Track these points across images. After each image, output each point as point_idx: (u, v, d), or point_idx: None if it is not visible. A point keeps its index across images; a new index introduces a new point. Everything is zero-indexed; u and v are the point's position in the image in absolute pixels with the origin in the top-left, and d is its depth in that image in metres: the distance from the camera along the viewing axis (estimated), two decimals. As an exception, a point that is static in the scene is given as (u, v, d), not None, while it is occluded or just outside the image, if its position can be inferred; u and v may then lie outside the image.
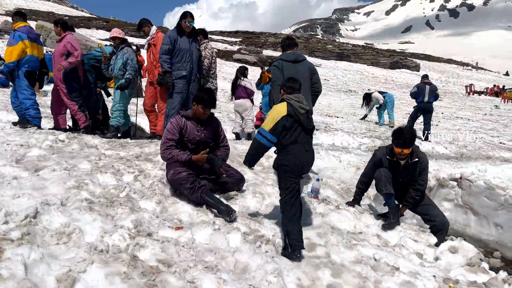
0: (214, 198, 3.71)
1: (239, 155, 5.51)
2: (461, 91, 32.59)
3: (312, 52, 47.40)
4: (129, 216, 3.20)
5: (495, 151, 9.86)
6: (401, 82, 31.81)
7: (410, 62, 48.90)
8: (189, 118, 4.07)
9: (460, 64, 66.89)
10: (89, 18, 47.86)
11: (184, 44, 5.51)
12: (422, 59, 61.81)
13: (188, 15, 5.55)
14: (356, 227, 3.86)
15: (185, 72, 5.55)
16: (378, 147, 7.80)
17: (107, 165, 4.26)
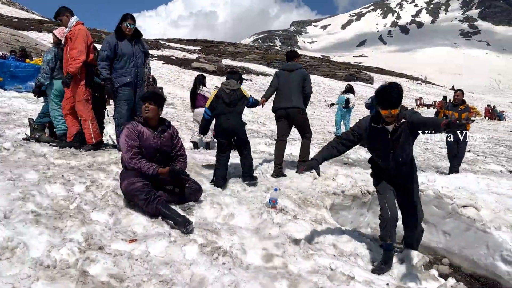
0: (170, 209, 3.62)
1: (196, 165, 5.44)
2: (411, 104, 34.17)
3: (271, 63, 48.00)
4: (80, 229, 3.05)
5: (442, 162, 10.37)
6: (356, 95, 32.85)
7: (365, 75, 50.72)
8: (145, 125, 3.97)
9: (410, 78, 70.17)
10: (41, 21, 45.88)
11: (126, 49, 5.19)
12: (375, 72, 64.30)
13: (128, 17, 5.17)
14: (313, 237, 3.90)
15: (130, 78, 5.23)
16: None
17: (57, 175, 4.04)
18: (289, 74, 5.90)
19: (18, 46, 17.75)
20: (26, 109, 8.67)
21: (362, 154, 9.89)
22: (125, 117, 5.18)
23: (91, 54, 5.37)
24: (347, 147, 3.62)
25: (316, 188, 5.39)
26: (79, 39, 5.16)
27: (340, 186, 5.53)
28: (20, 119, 7.51)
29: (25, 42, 20.90)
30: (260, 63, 47.07)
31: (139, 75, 5.35)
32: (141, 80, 5.40)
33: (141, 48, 5.40)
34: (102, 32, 44.98)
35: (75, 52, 5.12)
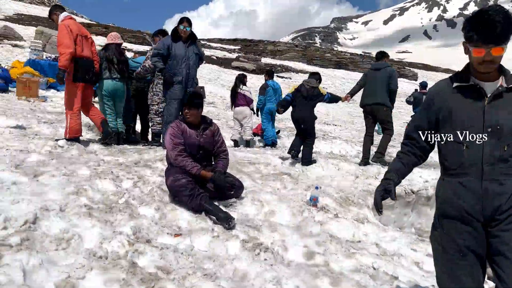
0: (213, 205, 3.72)
1: (237, 162, 5.52)
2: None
3: (311, 60, 47.59)
4: (128, 223, 3.20)
5: None
6: (399, 91, 31.94)
7: (408, 71, 49.15)
8: (188, 123, 4.11)
9: (457, 74, 67.11)
10: (89, 25, 47.96)
11: (179, 50, 5.49)
12: (420, 68, 62.13)
13: (184, 20, 5.52)
14: (355, 236, 3.87)
15: (181, 77, 5.52)
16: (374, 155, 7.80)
17: (106, 171, 4.26)
18: (376, 72, 6.59)
19: (69, 49, 18.64)
20: (76, 108, 9.12)
21: (406, 153, 9.65)
22: (174, 116, 5.40)
23: (78, 47, 5.31)
24: (424, 149, 2.19)
25: (358, 187, 5.33)
26: (60, 33, 5.20)
27: (383, 185, 5.43)
28: (72, 118, 7.90)
29: (75, 45, 21.92)
30: (299, 60, 46.76)
31: (190, 76, 5.61)
32: (191, 80, 5.65)
33: (195, 50, 5.67)
34: (145, 33, 46.40)
35: (60, 47, 5.17)
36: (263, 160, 5.90)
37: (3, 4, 48.24)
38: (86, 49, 5.44)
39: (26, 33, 26.81)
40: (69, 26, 5.24)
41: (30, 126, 6.17)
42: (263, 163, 5.79)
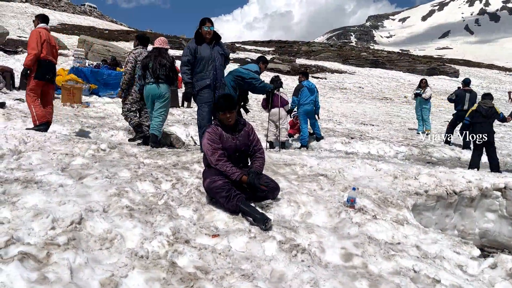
0: (249, 207, 3.74)
1: (273, 164, 5.53)
2: (503, 97, 31.25)
3: (346, 60, 46.94)
4: (168, 223, 3.28)
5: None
6: (439, 89, 30.88)
7: (449, 68, 47.42)
8: (223, 127, 4.15)
9: (502, 70, 64.17)
10: (128, 32, 49.65)
11: (205, 52, 5.45)
12: (461, 64, 59.81)
13: (206, 21, 5.44)
14: (394, 238, 3.77)
15: (209, 80, 5.50)
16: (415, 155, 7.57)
17: (146, 173, 4.39)
18: None
19: (110, 56, 19.39)
20: (117, 113, 9.46)
21: (447, 153, 9.31)
22: (206, 119, 5.45)
23: (44, 50, 6.08)
24: None
25: (396, 187, 5.19)
26: (31, 38, 6.03)
27: (423, 186, 5.26)
28: (113, 122, 8.22)
29: (115, 52, 22.78)
30: (335, 60, 46.26)
31: (218, 77, 5.59)
32: (219, 81, 5.63)
33: (220, 50, 5.62)
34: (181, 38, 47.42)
35: (28, 49, 6.00)
36: (298, 161, 5.87)
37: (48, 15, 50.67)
38: (51, 54, 6.27)
39: (70, 42, 28.04)
40: (40, 32, 6.08)
41: (74, 131, 6.46)
42: (299, 164, 5.76)
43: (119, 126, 7.76)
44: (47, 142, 5.20)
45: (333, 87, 27.35)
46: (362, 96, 24.99)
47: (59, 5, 75.03)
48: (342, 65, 43.69)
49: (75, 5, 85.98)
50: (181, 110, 10.55)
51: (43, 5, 64.73)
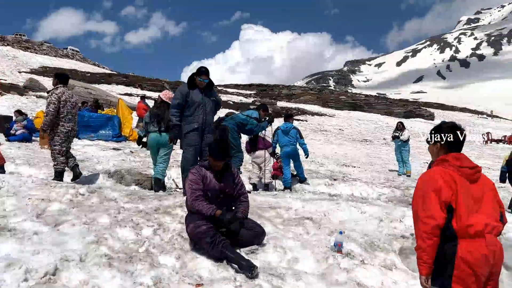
0: (235, 253, 3.61)
1: (258, 207, 5.43)
2: (478, 140, 32.23)
3: (326, 103, 48.07)
4: (149, 272, 3.12)
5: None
6: (417, 131, 31.69)
7: (424, 111, 49.00)
8: (208, 168, 4.11)
9: (474, 113, 66.74)
10: (110, 74, 50.00)
11: (196, 97, 5.50)
12: (436, 108, 61.98)
13: (203, 74, 5.52)
14: (384, 284, 3.67)
15: (197, 124, 5.51)
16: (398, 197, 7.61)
17: (126, 219, 4.22)
18: None
19: (91, 98, 19.34)
20: (97, 155, 9.28)
21: (429, 194, 9.38)
22: (191, 162, 5.38)
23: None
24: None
25: (382, 230, 5.14)
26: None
27: (409, 229, 5.22)
28: (93, 165, 8.02)
29: (97, 94, 22.77)
30: (314, 103, 47.32)
31: (207, 122, 5.61)
32: (209, 126, 5.65)
33: (212, 97, 5.71)
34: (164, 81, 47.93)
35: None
36: (283, 204, 5.79)
37: (30, 58, 50.81)
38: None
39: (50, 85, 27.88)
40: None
41: (51, 175, 6.25)
42: (284, 207, 5.67)
43: (98, 169, 7.58)
44: (22, 186, 5.00)
45: (314, 129, 27.77)
46: (343, 138, 25.39)
47: (41, 48, 75.54)
48: (322, 108, 44.67)
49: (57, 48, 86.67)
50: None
51: (25, 48, 65.02)
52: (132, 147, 11.36)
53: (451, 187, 2.37)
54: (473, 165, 2.50)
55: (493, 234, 2.34)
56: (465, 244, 2.30)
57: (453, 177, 2.41)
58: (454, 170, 2.44)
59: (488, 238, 2.29)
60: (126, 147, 11.02)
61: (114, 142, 12.00)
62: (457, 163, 2.47)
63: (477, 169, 2.50)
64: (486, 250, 2.27)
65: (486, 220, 2.33)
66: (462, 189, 2.38)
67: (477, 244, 2.28)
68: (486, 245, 2.28)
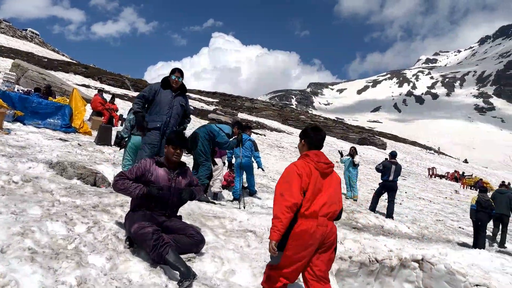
0: (177, 259, 3.44)
1: (202, 215, 5.33)
2: (423, 173, 33.82)
3: (286, 120, 48.74)
4: (74, 271, 2.93)
5: (454, 235, 10.04)
6: (368, 158, 32.78)
7: (378, 140, 50.90)
8: (162, 165, 3.99)
9: (423, 147, 70.15)
10: (69, 63, 48.07)
11: (165, 97, 5.42)
12: (389, 138, 64.57)
13: (176, 71, 5.49)
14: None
15: (159, 123, 5.39)
16: (342, 220, 7.76)
17: (60, 213, 3.98)
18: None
19: (44, 84, 18.44)
20: (41, 144, 8.79)
21: (372, 220, 9.65)
22: None
23: None
24: None
25: (322, 251, 5.19)
26: None
27: (348, 251, 5.31)
28: (34, 153, 7.58)
29: (51, 81, 21.73)
30: (275, 119, 47.85)
31: (170, 124, 5.48)
32: (170, 129, 5.49)
33: (182, 101, 5.60)
34: (125, 77, 46.75)
35: None
36: (229, 215, 5.72)
37: (-16, 35, 47.92)
38: None
39: (2, 65, 26.48)
40: None
41: (-14, 158, 5.83)
42: (229, 218, 5.60)
43: (40, 158, 7.16)
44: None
45: (271, 145, 27.97)
46: (298, 156, 25.78)
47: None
48: (282, 124, 45.25)
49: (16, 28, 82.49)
50: (112, 149, 10.07)
51: (-19, 24, 61.31)
52: (81, 140, 10.89)
53: (308, 176, 3.03)
54: (328, 162, 3.18)
55: (327, 217, 3.03)
56: (301, 222, 2.97)
57: (311, 169, 3.08)
58: (312, 163, 3.12)
59: (320, 220, 3.00)
60: (75, 139, 10.53)
61: (62, 132, 11.43)
62: (316, 158, 3.14)
63: (330, 165, 3.19)
64: (315, 228, 2.96)
65: (323, 206, 3.01)
66: (314, 179, 3.05)
67: (309, 223, 2.96)
68: (317, 224, 2.97)
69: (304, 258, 3.00)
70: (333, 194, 3.11)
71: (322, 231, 2.99)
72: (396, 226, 9.55)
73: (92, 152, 9.09)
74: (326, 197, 3.04)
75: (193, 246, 3.91)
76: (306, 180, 3.01)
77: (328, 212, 3.03)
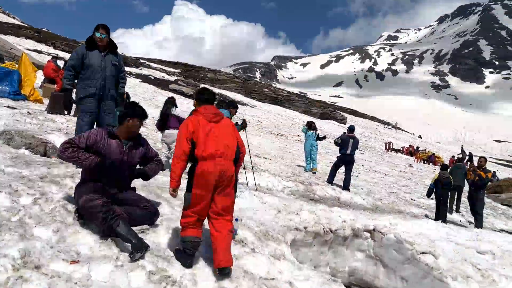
0: (128, 231, 3.34)
1: (158, 187, 5.23)
2: (380, 147, 34.99)
3: (249, 93, 48.49)
4: (17, 244, 2.80)
5: (406, 207, 10.49)
6: (329, 133, 33.44)
7: (338, 115, 51.88)
8: (114, 137, 3.81)
9: (382, 123, 72.35)
10: (20, 26, 45.04)
11: (94, 59, 5.02)
12: (349, 113, 65.96)
13: (100, 27, 5.00)
14: (270, 273, 3.75)
15: (94, 89, 5.04)
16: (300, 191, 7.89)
17: (4, 184, 3.77)
18: None
19: (-10, 48, 17.20)
20: (-13, 111, 8.26)
21: (329, 192, 9.90)
22: (85, 131, 4.96)
23: None
24: None
25: (279, 221, 5.27)
26: None
27: (303, 222, 5.43)
28: (-22, 121, 7.12)
29: (0, 45, 20.34)
30: (238, 92, 47.48)
31: (106, 87, 5.15)
32: (107, 92, 5.19)
33: (113, 60, 5.21)
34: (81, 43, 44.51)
35: None
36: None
37: None
38: None
39: None
40: None
41: None
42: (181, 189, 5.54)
43: (-15, 126, 6.73)
44: None
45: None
46: (260, 129, 25.81)
47: None
48: (245, 97, 44.98)
49: (-41, -14, 75.95)
50: (65, 118, 9.63)
51: None
52: (31, 108, 10.32)
53: (195, 127, 3.46)
54: (216, 112, 3.64)
55: (223, 157, 3.45)
56: (201, 164, 3.40)
57: (199, 120, 3.51)
58: (200, 116, 3.56)
59: (217, 160, 3.42)
60: (24, 107, 9.97)
61: (10, 99, 10.77)
62: (204, 111, 3.60)
63: (217, 115, 3.63)
64: (213, 168, 3.38)
65: (218, 148, 3.44)
66: (202, 128, 3.48)
67: (208, 164, 3.38)
68: (214, 164, 3.39)
69: (208, 194, 3.43)
70: (225, 138, 3.56)
71: (220, 169, 3.41)
72: (352, 198, 9.86)
73: (43, 121, 8.65)
74: (218, 140, 3.48)
75: (146, 218, 3.84)
76: (192, 130, 3.45)
77: (223, 153, 3.47)
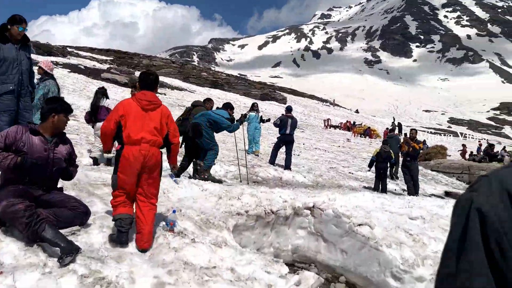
0: (55, 234, 3.15)
1: (90, 184, 4.99)
2: (320, 125, 36.07)
3: (187, 78, 47.58)
4: None
5: (345, 180, 10.95)
6: (270, 113, 33.81)
7: (278, 95, 52.53)
8: (37, 133, 3.54)
9: (320, 100, 74.40)
10: None
11: (9, 52, 4.62)
12: (289, 93, 67.03)
13: (23, 22, 4.63)
14: (211, 261, 3.73)
15: (12, 85, 4.66)
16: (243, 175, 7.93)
17: None
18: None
19: None
20: None
21: (271, 173, 10.04)
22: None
23: None
24: None
25: (220, 208, 5.25)
26: None
27: (245, 206, 5.46)
28: None
29: None
30: (176, 77, 46.38)
31: (24, 83, 4.79)
32: (25, 88, 4.83)
33: (27, 54, 4.85)
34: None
35: None
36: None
37: None
38: None
39: None
40: None
41: None
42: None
43: None
44: None
45: (172, 104, 27.17)
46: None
47: None
48: (183, 82, 44.05)
49: None
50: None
51: None
52: None
53: (126, 111, 3.63)
54: (152, 100, 3.75)
55: (149, 144, 3.63)
56: (127, 148, 3.60)
57: (131, 105, 3.69)
58: (136, 101, 3.70)
59: (143, 146, 3.61)
60: None
61: None
62: (140, 97, 3.72)
63: (152, 103, 3.74)
64: (138, 153, 3.56)
65: (145, 135, 3.61)
66: (134, 114, 3.64)
67: (133, 149, 3.57)
68: (139, 149, 3.57)
69: (132, 178, 3.60)
70: (154, 125, 3.70)
71: (144, 155, 3.58)
72: (294, 177, 10.09)
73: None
74: (146, 127, 3.63)
75: (76, 219, 3.64)
76: (121, 113, 3.63)
77: (149, 140, 3.63)
